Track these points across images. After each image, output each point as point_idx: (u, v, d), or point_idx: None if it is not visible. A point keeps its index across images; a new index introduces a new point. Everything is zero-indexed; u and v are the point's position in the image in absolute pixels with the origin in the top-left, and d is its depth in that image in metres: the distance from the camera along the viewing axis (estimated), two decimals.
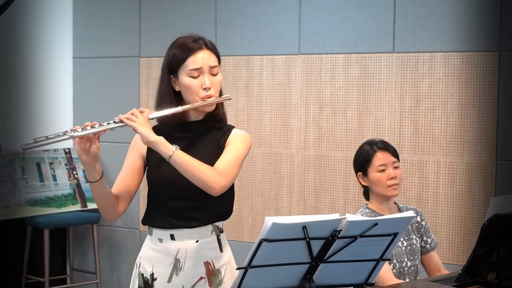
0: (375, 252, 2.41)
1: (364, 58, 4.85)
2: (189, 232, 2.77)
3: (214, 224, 2.80)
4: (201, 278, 2.79)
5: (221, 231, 2.83)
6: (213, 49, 2.78)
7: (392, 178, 3.40)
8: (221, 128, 2.82)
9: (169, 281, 2.78)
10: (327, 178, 4.98)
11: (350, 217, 2.28)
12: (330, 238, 2.29)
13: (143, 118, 2.64)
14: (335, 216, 2.28)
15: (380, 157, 3.42)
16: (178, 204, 2.76)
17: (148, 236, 2.86)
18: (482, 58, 4.49)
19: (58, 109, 5.97)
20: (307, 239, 2.26)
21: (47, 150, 5.70)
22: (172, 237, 2.78)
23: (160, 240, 2.80)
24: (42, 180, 5.61)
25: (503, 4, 4.43)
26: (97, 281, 5.71)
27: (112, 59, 5.83)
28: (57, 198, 5.63)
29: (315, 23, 5.01)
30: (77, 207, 5.70)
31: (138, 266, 2.87)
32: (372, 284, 2.49)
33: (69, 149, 5.79)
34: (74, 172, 5.76)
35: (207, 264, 2.79)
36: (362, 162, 3.45)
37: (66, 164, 5.75)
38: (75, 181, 5.75)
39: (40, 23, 5.86)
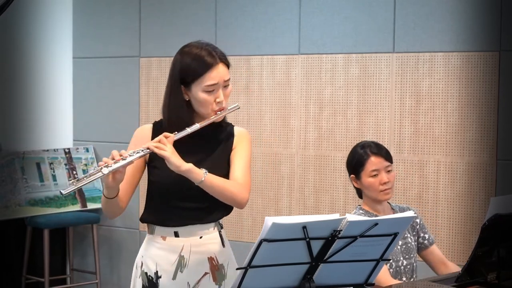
0: (375, 252, 2.41)
1: (364, 58, 4.84)
2: (193, 229, 2.81)
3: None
4: (206, 273, 2.83)
5: (222, 227, 2.89)
6: (225, 61, 2.79)
7: (384, 183, 3.39)
8: (223, 127, 2.87)
9: (174, 278, 2.81)
10: (327, 178, 4.98)
11: (350, 217, 2.28)
12: (330, 238, 2.29)
13: (171, 146, 2.66)
14: (335, 216, 2.28)
15: (373, 162, 3.40)
16: (185, 204, 2.79)
17: (149, 235, 2.87)
18: (482, 58, 4.49)
19: (58, 109, 5.96)
20: (307, 239, 2.27)
21: (47, 150, 5.69)
22: (176, 234, 2.81)
23: (164, 238, 2.82)
24: (42, 180, 5.61)
25: (503, 4, 4.43)
26: (97, 281, 5.71)
27: (112, 59, 5.83)
28: (57, 198, 5.63)
29: (315, 23, 5.00)
30: (77, 207, 5.70)
31: (140, 266, 2.88)
32: (372, 284, 2.49)
33: (68, 149, 5.79)
34: (74, 172, 5.76)
35: (210, 259, 2.83)
36: (355, 166, 3.44)
37: (66, 164, 5.75)
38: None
39: (40, 23, 5.86)
